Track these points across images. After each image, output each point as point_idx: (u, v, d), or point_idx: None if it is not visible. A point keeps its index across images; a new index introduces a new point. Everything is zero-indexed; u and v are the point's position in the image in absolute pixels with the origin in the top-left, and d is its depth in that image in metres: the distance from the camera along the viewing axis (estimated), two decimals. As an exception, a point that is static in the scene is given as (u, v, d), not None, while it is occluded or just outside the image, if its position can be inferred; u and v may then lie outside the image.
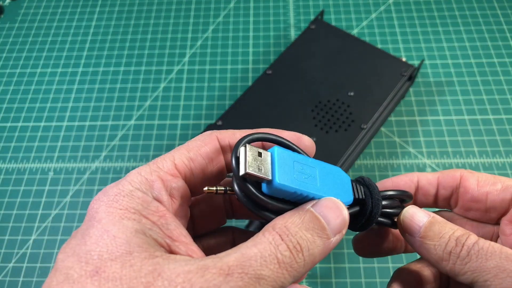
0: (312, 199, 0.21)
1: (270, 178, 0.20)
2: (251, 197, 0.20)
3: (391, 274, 0.43)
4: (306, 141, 0.23)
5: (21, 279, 0.45)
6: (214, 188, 0.21)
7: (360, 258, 0.45)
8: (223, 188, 0.21)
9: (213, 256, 0.17)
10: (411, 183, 0.26)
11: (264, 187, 0.20)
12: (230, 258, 0.17)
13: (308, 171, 0.21)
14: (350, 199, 0.22)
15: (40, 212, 0.49)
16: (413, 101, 0.55)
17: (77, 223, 0.48)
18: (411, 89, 0.56)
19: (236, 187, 0.20)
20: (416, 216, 0.22)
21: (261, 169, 0.20)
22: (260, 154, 0.20)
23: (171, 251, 0.18)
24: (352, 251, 0.45)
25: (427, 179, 0.25)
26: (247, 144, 0.20)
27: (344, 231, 0.20)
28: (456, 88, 0.56)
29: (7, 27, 0.67)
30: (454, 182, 0.25)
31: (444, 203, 0.26)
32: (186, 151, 0.21)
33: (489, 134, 0.52)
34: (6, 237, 0.48)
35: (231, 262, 0.17)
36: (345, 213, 0.20)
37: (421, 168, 0.50)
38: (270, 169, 0.20)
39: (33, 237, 0.48)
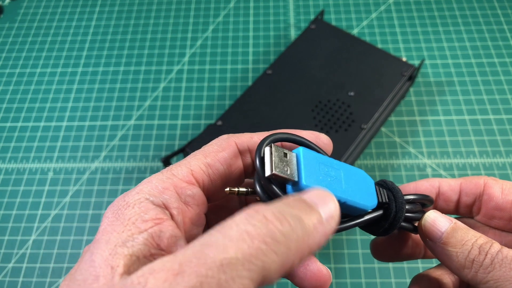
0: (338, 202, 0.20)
1: (296, 179, 0.19)
2: (276, 199, 0.19)
3: (391, 274, 0.43)
4: (324, 139, 0.23)
5: (20, 279, 0.45)
6: (236, 189, 0.20)
7: (360, 258, 0.45)
8: (245, 190, 0.21)
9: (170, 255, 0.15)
10: (432, 189, 0.25)
11: (289, 188, 0.20)
12: (186, 252, 0.14)
13: (333, 173, 0.21)
14: (375, 202, 0.22)
15: (39, 212, 0.49)
16: (413, 101, 0.55)
17: (77, 223, 0.48)
18: (411, 89, 0.56)
19: (258, 189, 0.20)
20: (438, 221, 0.22)
21: (287, 170, 0.19)
22: (285, 155, 0.20)
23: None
24: (353, 251, 0.45)
25: (449, 185, 0.25)
26: (272, 144, 0.20)
27: (336, 218, 0.18)
28: (456, 88, 0.56)
29: (7, 27, 0.66)
30: (478, 189, 0.24)
31: (466, 210, 0.25)
32: (203, 157, 0.21)
33: (490, 134, 0.52)
34: (6, 238, 0.48)
35: (184, 257, 0.14)
36: (330, 194, 0.18)
37: (422, 168, 0.50)
38: (296, 170, 0.19)
39: (32, 238, 0.47)
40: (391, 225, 0.22)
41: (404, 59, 0.52)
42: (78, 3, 0.69)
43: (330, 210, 0.17)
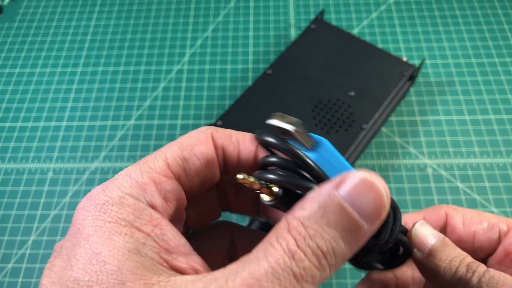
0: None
1: (318, 141, 0.19)
2: (297, 158, 0.18)
3: (392, 275, 0.43)
4: None
5: (20, 279, 0.45)
6: (251, 179, 0.18)
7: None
8: (262, 183, 0.19)
9: (217, 275, 0.15)
10: None
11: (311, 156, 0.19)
12: (236, 281, 0.15)
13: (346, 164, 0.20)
14: None
15: (39, 212, 0.49)
16: (413, 101, 0.55)
17: (76, 223, 0.48)
18: (411, 89, 0.56)
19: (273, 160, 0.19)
20: (428, 233, 0.22)
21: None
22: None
23: (170, 266, 0.16)
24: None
25: (412, 219, 0.24)
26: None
27: (384, 215, 0.16)
28: (457, 88, 0.56)
29: (6, 27, 0.66)
30: (441, 221, 0.24)
31: None
32: (179, 150, 0.20)
33: (490, 134, 0.52)
34: (5, 238, 0.47)
35: (237, 286, 0.14)
36: (381, 191, 0.16)
37: (422, 169, 0.50)
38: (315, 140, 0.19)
39: (32, 238, 0.47)
40: (390, 237, 0.20)
41: (404, 59, 0.52)
42: (78, 3, 0.69)
43: (375, 210, 0.16)
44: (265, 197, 0.19)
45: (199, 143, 0.20)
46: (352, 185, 0.16)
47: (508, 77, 0.57)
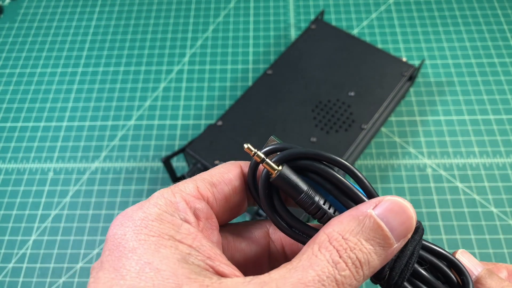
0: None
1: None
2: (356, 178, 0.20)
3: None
4: None
5: (20, 279, 0.45)
6: (254, 150, 0.20)
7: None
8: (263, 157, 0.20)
9: (265, 279, 0.16)
10: None
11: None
12: (286, 285, 0.16)
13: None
14: None
15: (40, 212, 0.49)
16: (413, 101, 0.55)
17: (77, 223, 0.48)
18: (411, 89, 0.56)
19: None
20: (470, 261, 0.22)
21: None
22: None
23: (216, 272, 0.17)
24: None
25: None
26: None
27: (409, 235, 0.19)
28: (456, 88, 0.56)
29: (7, 27, 0.66)
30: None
31: None
32: (209, 177, 0.21)
33: (490, 134, 0.52)
34: (6, 238, 0.48)
35: None
36: (412, 215, 0.18)
37: (422, 169, 0.50)
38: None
39: (32, 238, 0.47)
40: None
41: (404, 59, 0.52)
42: (78, 3, 0.69)
43: (404, 231, 0.18)
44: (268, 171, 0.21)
45: (228, 171, 0.22)
46: (387, 206, 0.18)
47: (507, 77, 0.57)
